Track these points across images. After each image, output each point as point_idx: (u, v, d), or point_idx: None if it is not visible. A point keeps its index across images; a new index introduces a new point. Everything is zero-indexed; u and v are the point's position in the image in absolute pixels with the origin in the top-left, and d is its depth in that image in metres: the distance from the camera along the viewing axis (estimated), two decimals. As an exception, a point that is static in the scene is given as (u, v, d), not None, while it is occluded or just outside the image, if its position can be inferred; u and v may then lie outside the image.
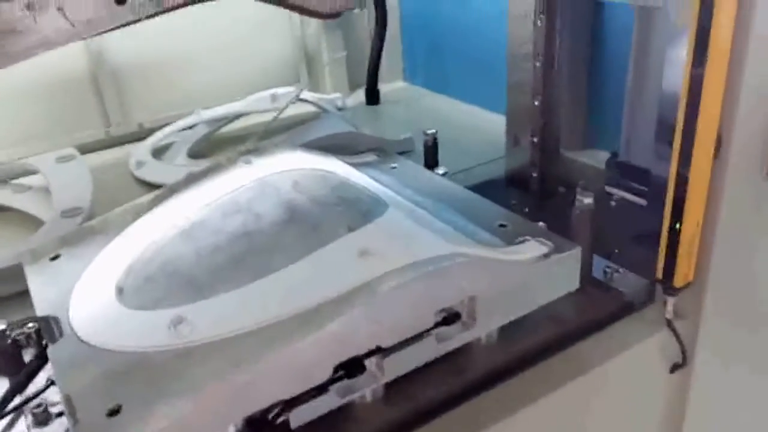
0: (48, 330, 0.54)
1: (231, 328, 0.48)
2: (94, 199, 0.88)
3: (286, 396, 0.46)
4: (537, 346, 0.58)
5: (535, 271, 0.56)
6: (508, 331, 0.58)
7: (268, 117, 1.11)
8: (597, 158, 0.94)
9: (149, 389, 0.44)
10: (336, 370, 0.48)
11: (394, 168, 0.76)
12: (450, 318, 0.53)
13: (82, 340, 0.51)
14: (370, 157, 0.79)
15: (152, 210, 0.66)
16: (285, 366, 0.45)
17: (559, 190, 0.89)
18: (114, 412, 0.43)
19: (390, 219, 0.57)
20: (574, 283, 0.58)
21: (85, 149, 1.11)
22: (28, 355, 0.55)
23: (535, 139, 0.86)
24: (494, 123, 1.12)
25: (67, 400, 0.45)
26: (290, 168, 0.69)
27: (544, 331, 0.59)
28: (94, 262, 0.60)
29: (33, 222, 0.89)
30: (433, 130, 0.80)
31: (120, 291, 0.55)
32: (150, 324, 0.51)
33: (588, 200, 0.60)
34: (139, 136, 1.17)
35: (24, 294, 0.59)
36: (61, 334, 0.52)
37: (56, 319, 0.54)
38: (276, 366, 0.45)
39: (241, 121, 1.17)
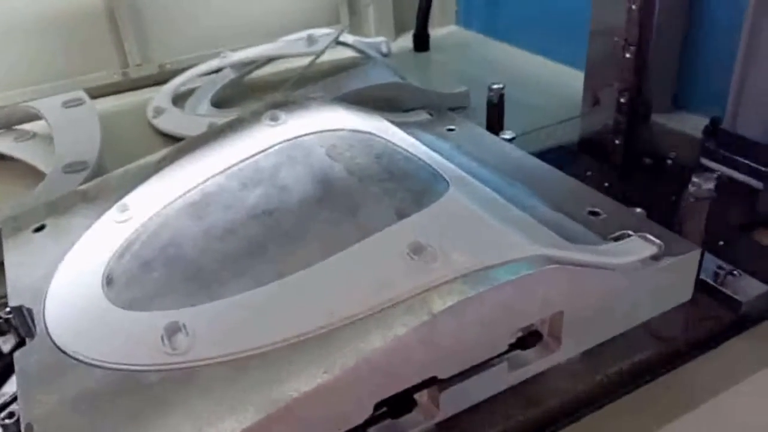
0: (22, 324, 0.43)
1: (240, 346, 0.36)
2: (104, 151, 0.77)
3: (311, 444, 0.34)
4: (630, 369, 0.46)
5: (640, 278, 0.42)
6: (592, 349, 0.45)
7: (303, 62, 0.98)
8: (689, 124, 0.78)
9: (132, 428, 0.33)
10: (377, 407, 0.36)
11: (452, 131, 0.62)
12: (528, 340, 0.40)
13: (56, 346, 0.40)
14: (422, 116, 0.66)
15: (157, 174, 0.54)
16: (310, 404, 0.33)
17: (645, 161, 0.74)
18: (81, 460, 0.32)
19: (452, 203, 0.44)
20: (686, 294, 0.45)
21: (98, 93, 1.00)
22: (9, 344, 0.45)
23: (623, 99, 0.72)
24: (564, 77, 0.97)
25: (28, 429, 0.34)
26: (325, 128, 0.56)
27: (639, 349, 0.46)
28: (83, 238, 0.49)
29: (36, 175, 0.79)
30: (500, 85, 0.66)
31: (109, 281, 0.44)
32: (140, 331, 0.39)
33: (708, 185, 0.46)
34: (160, 79, 1.05)
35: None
36: (32, 334, 0.42)
37: (30, 312, 0.43)
38: (299, 404, 0.33)
39: (273, 66, 1.05)
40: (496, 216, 0.43)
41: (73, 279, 0.45)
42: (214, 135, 0.57)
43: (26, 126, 0.89)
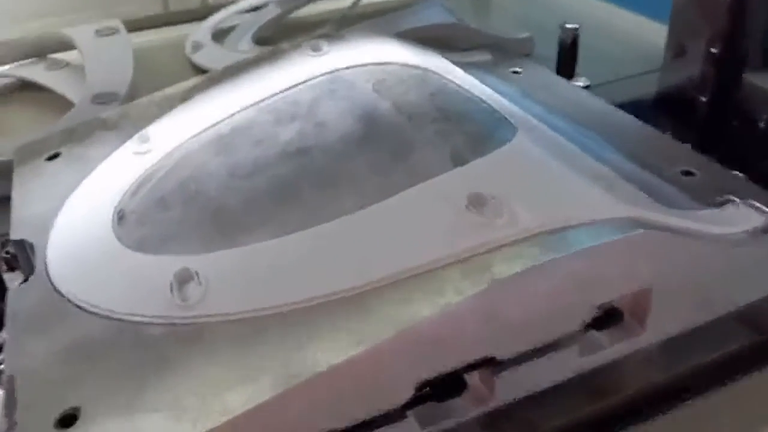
0: (23, 260, 0.38)
1: (260, 303, 0.30)
2: (136, 84, 0.72)
3: (339, 426, 0.28)
4: (720, 361, 0.38)
5: (745, 254, 0.35)
6: (675, 336, 0.38)
7: (350, 2, 0.90)
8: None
9: (125, 390, 0.28)
10: (420, 387, 0.30)
11: (517, 73, 0.54)
12: (606, 319, 0.33)
13: (54, 287, 0.35)
14: (483, 56, 0.58)
15: (183, 104, 0.48)
16: (339, 380, 0.27)
17: (733, 123, 0.65)
18: (66, 422, 0.27)
19: (520, 149, 0.37)
20: (796, 276, 0.37)
21: (137, 26, 0.94)
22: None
23: (714, 50, 0.62)
24: (637, 26, 0.87)
25: (9, 382, 0.30)
26: (373, 61, 0.49)
27: (731, 338, 0.39)
28: (97, 169, 0.44)
29: (67, 105, 0.74)
30: (575, 25, 0.58)
31: (120, 217, 0.39)
32: (148, 276, 0.34)
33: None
34: (201, 14, 0.98)
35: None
36: (31, 272, 0.37)
37: (32, 247, 0.38)
38: (325, 380, 0.27)
39: (319, 5, 0.97)
40: (573, 168, 0.36)
41: (82, 213, 0.40)
42: (248, 65, 0.51)
43: (59, 55, 0.85)
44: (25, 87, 0.81)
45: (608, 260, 0.31)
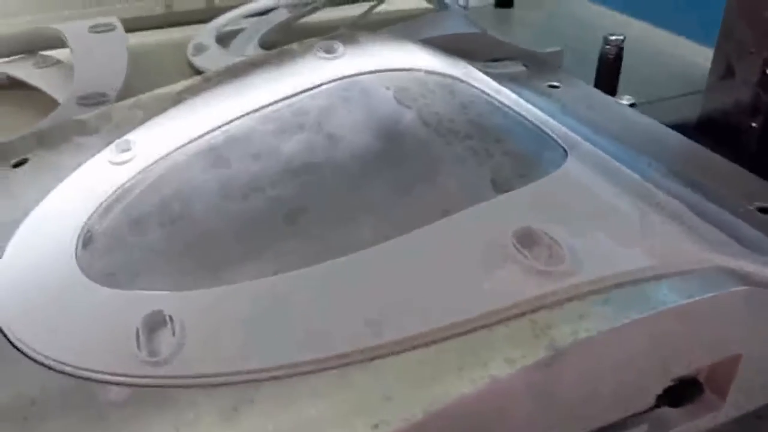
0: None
1: (253, 363, 0.24)
2: (130, 86, 0.65)
3: None
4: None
5: None
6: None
7: (364, 9, 0.85)
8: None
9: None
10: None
11: (555, 87, 0.48)
12: (682, 393, 0.27)
13: (1, 330, 0.28)
14: (516, 68, 0.52)
15: (174, 108, 0.42)
16: None
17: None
18: None
19: (575, 176, 0.30)
20: None
21: (138, 25, 0.88)
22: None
23: (770, 71, 0.56)
24: (673, 45, 0.81)
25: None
26: (393, 66, 0.42)
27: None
28: (67, 181, 0.37)
29: (55, 107, 0.68)
30: (620, 36, 0.51)
31: (87, 241, 0.32)
32: (111, 319, 0.27)
33: None
34: (206, 16, 0.93)
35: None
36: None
37: (-21, 275, 0.32)
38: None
39: (332, 11, 0.91)
40: (644, 203, 0.29)
41: (42, 233, 0.34)
42: (250, 66, 0.44)
43: (52, 52, 0.79)
44: (13, 85, 0.75)
45: (697, 322, 0.24)
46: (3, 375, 0.26)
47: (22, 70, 0.75)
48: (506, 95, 0.41)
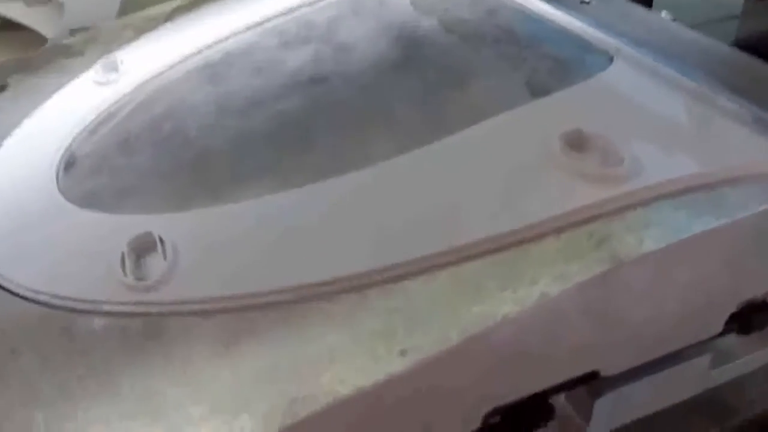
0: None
1: (255, 285, 0.20)
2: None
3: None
4: None
5: None
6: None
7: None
8: None
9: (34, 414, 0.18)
10: (490, 416, 0.20)
11: (587, 3, 0.43)
12: (749, 319, 0.23)
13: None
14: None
15: (166, 24, 0.38)
16: (373, 407, 0.17)
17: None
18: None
19: (624, 77, 0.26)
20: None
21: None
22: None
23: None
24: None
25: None
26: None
27: None
28: (48, 103, 0.33)
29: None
30: (658, -54, 0.46)
31: (69, 163, 0.29)
32: (95, 243, 0.24)
33: None
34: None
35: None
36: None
37: (-50, 201, 0.28)
38: (352, 408, 0.17)
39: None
40: (704, 106, 0.25)
41: (20, 157, 0.30)
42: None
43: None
44: (3, 26, 0.71)
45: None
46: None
47: (12, 8, 0.71)
48: (534, 4, 0.36)
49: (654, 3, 0.56)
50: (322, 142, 0.26)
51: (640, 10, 0.43)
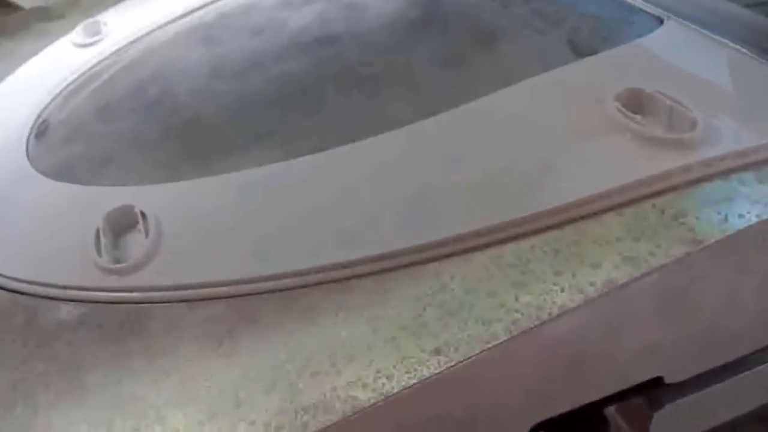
0: None
1: (254, 270, 0.17)
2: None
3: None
4: None
5: None
6: None
7: None
8: None
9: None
10: (534, 430, 0.16)
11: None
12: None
13: None
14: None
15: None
16: (388, 416, 0.14)
17: None
18: None
19: (683, 38, 0.23)
20: None
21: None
22: None
23: None
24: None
25: None
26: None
27: None
28: (23, 67, 0.30)
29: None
30: None
31: (42, 130, 0.25)
32: (67, 219, 0.20)
33: None
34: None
35: None
36: None
37: None
38: (370, 417, 0.13)
39: None
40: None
41: (-12, 124, 0.26)
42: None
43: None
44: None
45: None
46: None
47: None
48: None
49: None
50: (332, 107, 0.23)
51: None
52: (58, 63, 0.29)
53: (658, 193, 0.16)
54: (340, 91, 0.24)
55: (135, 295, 0.17)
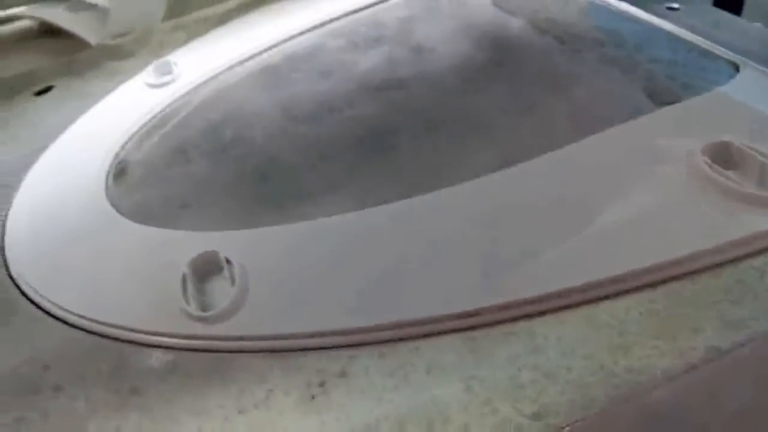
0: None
1: (342, 321, 0.17)
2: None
3: None
4: None
5: None
6: None
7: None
8: None
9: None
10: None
11: (675, 10, 0.39)
12: None
13: (8, 273, 0.22)
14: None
15: (224, 26, 0.35)
16: None
17: None
18: None
19: (756, 89, 0.23)
20: None
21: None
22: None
23: None
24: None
25: None
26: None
27: None
28: (97, 106, 0.31)
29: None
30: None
31: (119, 171, 0.26)
32: (151, 264, 0.21)
33: None
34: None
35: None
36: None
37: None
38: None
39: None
40: None
41: (66, 164, 0.27)
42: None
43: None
44: (44, 32, 0.70)
45: None
46: (12, 335, 0.20)
47: (55, 14, 0.70)
48: (629, 7, 0.33)
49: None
50: (408, 153, 0.23)
51: (734, 18, 0.39)
52: (131, 103, 0.30)
53: (756, 254, 0.16)
54: (413, 137, 0.24)
55: (225, 344, 0.17)
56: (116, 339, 0.19)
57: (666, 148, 0.19)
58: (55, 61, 0.67)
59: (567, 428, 0.14)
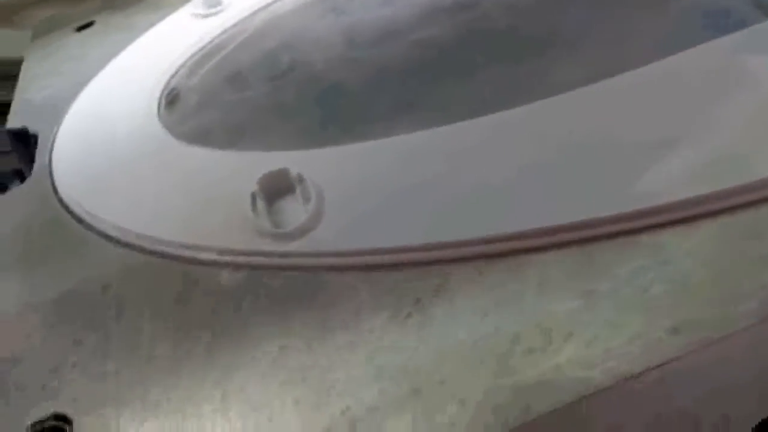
0: (22, 155, 0.25)
1: (431, 235, 0.15)
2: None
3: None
4: None
5: None
6: None
7: None
8: None
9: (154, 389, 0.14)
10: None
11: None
12: None
13: (59, 198, 0.21)
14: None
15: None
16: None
17: None
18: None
19: None
20: None
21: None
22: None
23: None
24: None
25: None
26: None
27: None
28: (143, 38, 0.29)
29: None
30: None
31: (171, 99, 0.24)
32: (215, 184, 0.19)
33: None
34: None
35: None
36: (29, 173, 0.23)
37: (35, 139, 0.24)
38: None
39: None
40: None
41: (113, 94, 0.26)
42: None
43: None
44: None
45: None
46: (65, 256, 0.18)
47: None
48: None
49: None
50: (482, 72, 0.21)
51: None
52: (179, 34, 0.29)
53: None
54: (488, 57, 0.22)
55: (305, 260, 0.16)
56: (184, 259, 0.17)
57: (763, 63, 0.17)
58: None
59: (712, 345, 0.12)
